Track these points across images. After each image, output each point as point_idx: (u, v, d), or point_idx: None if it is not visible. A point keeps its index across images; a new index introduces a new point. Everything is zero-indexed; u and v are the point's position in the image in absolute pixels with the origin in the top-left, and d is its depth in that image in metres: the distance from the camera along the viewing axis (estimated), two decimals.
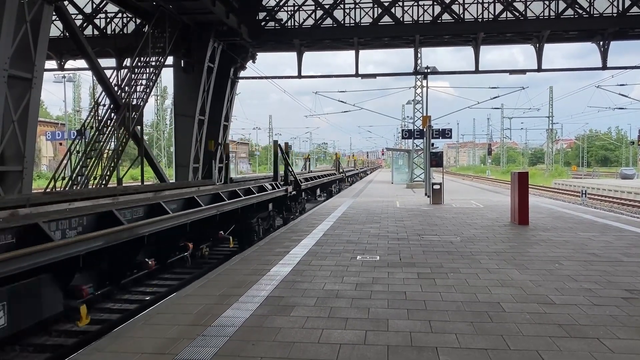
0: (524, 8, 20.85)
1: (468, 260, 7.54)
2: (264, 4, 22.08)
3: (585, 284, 6.10)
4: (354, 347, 4.13)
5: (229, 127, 24.17)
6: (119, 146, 16.06)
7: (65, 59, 23.14)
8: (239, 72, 23.89)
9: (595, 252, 8.12)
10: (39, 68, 11.06)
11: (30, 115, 10.90)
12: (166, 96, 76.77)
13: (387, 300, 5.46)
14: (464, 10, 21.11)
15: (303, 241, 9.42)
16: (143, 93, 17.27)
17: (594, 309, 5.10)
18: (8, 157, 10.51)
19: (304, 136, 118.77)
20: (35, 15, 10.87)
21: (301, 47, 22.58)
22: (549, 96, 77.09)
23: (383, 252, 8.24)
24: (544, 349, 4.06)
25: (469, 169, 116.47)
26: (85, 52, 16.41)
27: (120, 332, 4.60)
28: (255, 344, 4.20)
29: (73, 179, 14.97)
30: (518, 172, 12.49)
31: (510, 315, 4.91)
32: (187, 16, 18.66)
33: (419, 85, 33.73)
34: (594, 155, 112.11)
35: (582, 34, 21.87)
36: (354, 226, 11.56)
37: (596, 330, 4.49)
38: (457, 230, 10.75)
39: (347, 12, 21.62)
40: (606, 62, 21.64)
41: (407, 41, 22.82)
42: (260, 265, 7.30)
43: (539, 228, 11.05)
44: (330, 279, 6.43)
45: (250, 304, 5.34)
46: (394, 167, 39.47)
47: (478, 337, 4.34)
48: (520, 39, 22.57)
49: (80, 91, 72.72)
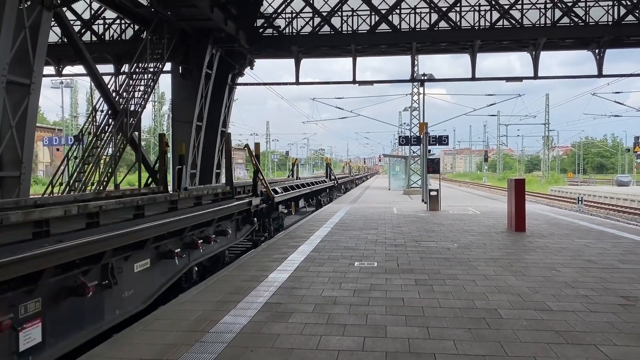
0: (520, 16, 21.01)
1: (465, 267, 7.56)
2: (262, 11, 22.20)
3: (582, 290, 6.12)
4: (352, 353, 4.14)
5: (226, 132, 24.18)
6: (116, 152, 16.07)
7: (63, 64, 23.18)
8: (236, 79, 23.98)
9: (591, 259, 8.15)
10: (37, 74, 11.08)
11: (29, 120, 10.91)
12: (164, 102, 76.91)
13: (385, 306, 5.47)
14: (461, 18, 21.26)
15: (301, 247, 9.42)
16: (141, 99, 17.29)
17: (590, 316, 5.13)
18: (6, 162, 10.51)
19: (301, 142, 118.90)
20: (34, 21, 10.91)
21: (299, 54, 22.68)
22: (545, 103, 77.59)
23: (381, 259, 8.25)
24: (541, 356, 4.07)
25: (465, 175, 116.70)
26: (83, 58, 16.45)
27: (118, 338, 4.60)
28: (253, 351, 4.21)
29: (70, 184, 14.95)
30: (515, 179, 12.53)
31: (507, 322, 4.93)
32: (185, 23, 18.72)
33: (415, 92, 33.83)
34: (590, 162, 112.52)
35: (578, 41, 22.05)
36: (351, 232, 11.57)
37: (593, 337, 4.51)
38: (454, 237, 10.78)
39: (344, 19, 21.75)
40: (602, 70, 21.81)
41: (404, 48, 22.96)
42: (258, 271, 7.30)
43: (535, 235, 11.09)
44: (328, 285, 6.44)
45: (248, 310, 5.34)
46: (391, 174, 39.45)
47: (476, 343, 4.36)
48: (516, 46, 22.73)
49: (78, 97, 72.86)
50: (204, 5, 17.10)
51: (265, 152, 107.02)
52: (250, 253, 9.16)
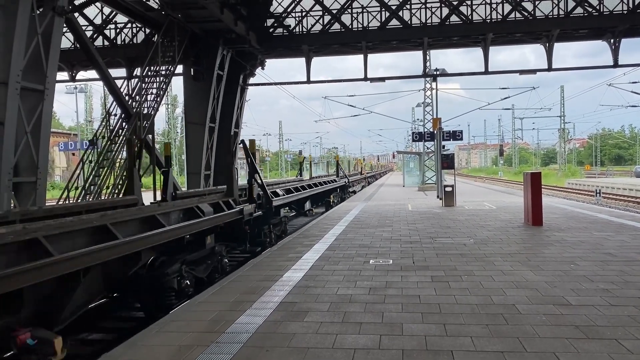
0: (533, 7, 20.73)
1: (482, 263, 7.48)
2: (272, 11, 22.18)
3: (602, 284, 6.02)
4: (368, 351, 4.11)
5: (239, 133, 24.26)
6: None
7: (76, 70, 23.38)
8: (248, 79, 24.00)
9: (611, 252, 8.02)
10: (50, 79, 11.17)
11: (43, 126, 11.00)
12: (177, 104, 77.36)
13: (401, 304, 5.43)
14: (472, 12, 21.03)
15: (315, 246, 9.40)
16: (154, 102, 17.39)
17: (611, 310, 5.03)
18: (22, 168, 10.62)
19: (314, 141, 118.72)
20: (47, 28, 11.00)
21: (310, 52, 22.63)
22: (560, 95, 76.67)
23: (396, 256, 8.20)
24: (561, 351, 4.00)
25: (480, 170, 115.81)
26: (96, 63, 16.55)
27: (134, 340, 4.62)
28: (269, 350, 4.19)
29: (86, 188, 15.08)
30: (531, 173, 12.38)
31: (525, 317, 4.86)
32: (196, 24, 18.78)
33: (428, 87, 33.67)
34: (607, 154, 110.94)
35: (592, 32, 21.69)
36: (366, 230, 11.52)
37: (614, 331, 4.42)
38: (470, 233, 10.68)
39: (354, 16, 21.64)
40: (617, 60, 21.44)
41: (415, 44, 22.78)
42: (272, 271, 7.29)
43: (553, 228, 10.95)
44: (343, 283, 6.41)
45: (263, 310, 5.33)
46: (405, 170, 39.30)
47: (494, 339, 4.30)
48: (529, 38, 22.44)
49: (92, 101, 73.41)
50: (213, 6, 17.13)
51: (279, 152, 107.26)
52: (265, 253, 9.16)
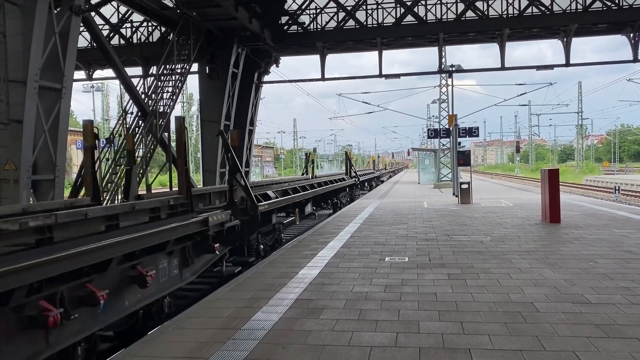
0: (550, 2, 20.49)
1: (499, 260, 7.41)
2: (286, 8, 22.20)
3: (622, 282, 5.92)
4: (385, 349, 4.08)
5: (254, 131, 24.33)
6: (147, 153, 16.30)
7: (93, 68, 23.66)
8: (263, 77, 24.06)
9: (631, 250, 7.88)
10: (68, 78, 11.31)
11: (61, 124, 11.15)
12: (192, 103, 77.78)
13: (418, 301, 5.39)
14: (488, 7, 20.85)
15: (330, 243, 9.39)
16: (169, 100, 17.52)
17: (632, 308, 4.94)
18: (40, 166, 10.78)
19: (328, 138, 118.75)
20: (64, 27, 11.13)
21: (324, 49, 22.61)
22: (578, 91, 75.68)
23: (412, 253, 8.15)
24: (581, 350, 3.94)
25: (497, 167, 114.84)
26: (112, 62, 16.72)
27: (151, 337, 4.65)
28: (285, 347, 4.19)
29: (103, 186, 15.24)
30: (548, 170, 12.24)
31: (544, 316, 4.79)
32: (211, 23, 18.87)
33: (444, 84, 33.44)
34: (626, 150, 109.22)
35: (611, 26, 21.37)
36: (381, 227, 11.47)
37: (636, 330, 4.34)
38: (487, 230, 10.58)
39: (369, 13, 21.58)
40: (637, 55, 21.10)
41: (430, 40, 22.66)
42: (288, 268, 7.29)
43: (571, 226, 10.80)
44: (358, 281, 6.39)
45: (279, 307, 5.33)
46: (420, 167, 39.11)
47: (512, 338, 4.25)
48: (546, 33, 22.18)
49: (109, 100, 74.15)
50: (228, 4, 17.19)
51: (293, 150, 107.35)
52: (280, 250, 9.17)
